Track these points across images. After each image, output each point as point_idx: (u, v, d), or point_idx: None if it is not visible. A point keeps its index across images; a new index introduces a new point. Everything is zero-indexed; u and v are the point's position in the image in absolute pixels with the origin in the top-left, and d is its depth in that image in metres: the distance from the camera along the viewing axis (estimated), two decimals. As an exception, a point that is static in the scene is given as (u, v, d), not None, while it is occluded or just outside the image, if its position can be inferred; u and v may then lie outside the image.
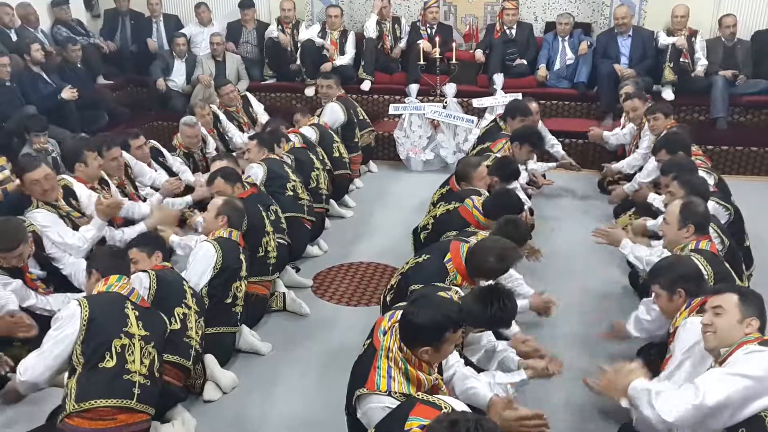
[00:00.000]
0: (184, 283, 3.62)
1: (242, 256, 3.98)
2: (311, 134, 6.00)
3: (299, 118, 6.49)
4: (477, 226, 4.07)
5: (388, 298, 3.76)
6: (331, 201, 5.92)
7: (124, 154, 5.08)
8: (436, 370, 2.74)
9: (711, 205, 3.92)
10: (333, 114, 6.51)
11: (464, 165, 4.81)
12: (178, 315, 3.42)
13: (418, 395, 2.41)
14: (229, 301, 3.87)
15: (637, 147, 5.81)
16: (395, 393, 2.54)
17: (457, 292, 3.20)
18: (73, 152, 4.58)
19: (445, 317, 2.53)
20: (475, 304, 2.98)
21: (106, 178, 4.79)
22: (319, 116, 6.57)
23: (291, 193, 4.97)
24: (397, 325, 2.65)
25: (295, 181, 5.06)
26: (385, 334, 2.69)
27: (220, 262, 3.80)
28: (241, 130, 6.84)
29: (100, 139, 5.05)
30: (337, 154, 6.13)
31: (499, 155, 5.16)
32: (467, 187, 4.59)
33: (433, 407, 2.27)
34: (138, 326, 3.04)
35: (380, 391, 2.56)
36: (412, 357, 2.58)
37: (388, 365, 2.58)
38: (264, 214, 4.46)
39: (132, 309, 3.08)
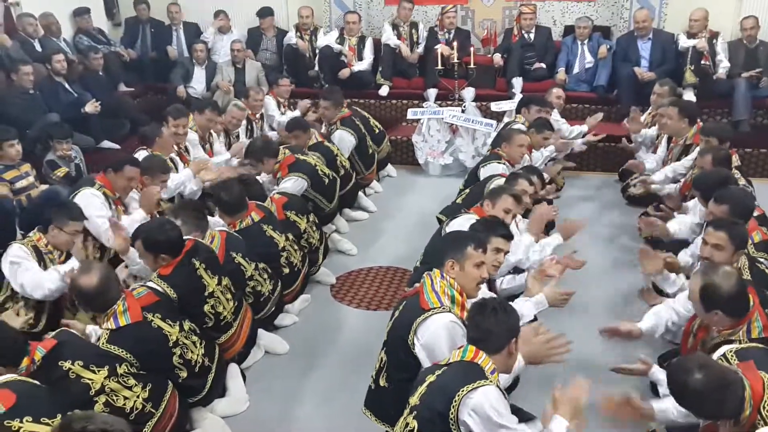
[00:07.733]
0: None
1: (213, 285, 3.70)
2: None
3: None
4: None
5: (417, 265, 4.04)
6: (344, 210, 5.90)
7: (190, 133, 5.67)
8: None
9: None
10: (343, 143, 6.10)
11: (510, 128, 5.49)
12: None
13: None
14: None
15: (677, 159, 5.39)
16: (453, 312, 2.88)
17: None
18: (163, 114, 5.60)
19: (467, 234, 3.24)
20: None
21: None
22: (328, 136, 6.21)
23: (287, 270, 4.44)
24: (429, 272, 3.08)
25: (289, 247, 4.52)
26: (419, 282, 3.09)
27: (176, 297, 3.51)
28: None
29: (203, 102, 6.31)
30: (342, 172, 5.74)
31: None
32: (507, 148, 5.08)
33: None
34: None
35: (439, 308, 2.88)
36: (453, 282, 2.99)
37: (435, 293, 2.94)
38: (240, 258, 4.05)
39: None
